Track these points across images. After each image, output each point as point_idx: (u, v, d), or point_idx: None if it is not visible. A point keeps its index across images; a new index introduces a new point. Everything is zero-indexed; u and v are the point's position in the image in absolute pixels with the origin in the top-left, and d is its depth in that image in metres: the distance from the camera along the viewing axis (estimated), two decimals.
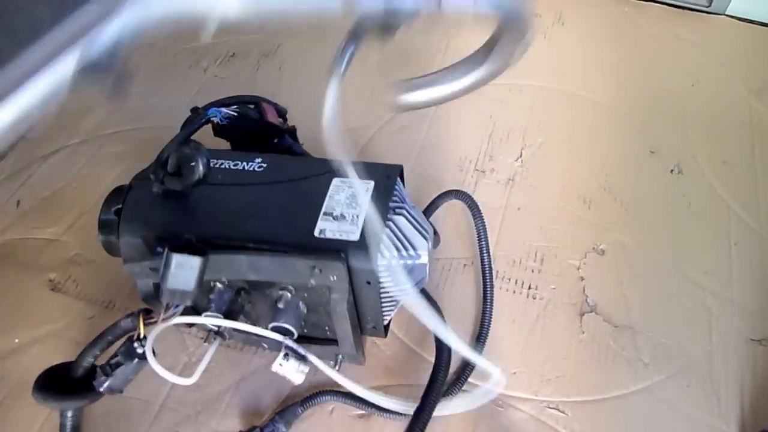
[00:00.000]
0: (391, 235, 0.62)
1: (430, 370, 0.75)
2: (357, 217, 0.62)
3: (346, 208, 0.63)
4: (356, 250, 0.59)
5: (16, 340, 0.79)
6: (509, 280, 0.85)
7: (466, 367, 0.75)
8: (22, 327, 0.80)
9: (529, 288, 0.84)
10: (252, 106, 0.75)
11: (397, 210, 0.64)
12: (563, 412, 0.73)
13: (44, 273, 0.86)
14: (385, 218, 0.62)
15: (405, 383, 0.75)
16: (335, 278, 0.59)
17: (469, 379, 0.75)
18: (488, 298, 0.80)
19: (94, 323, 0.81)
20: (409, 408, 0.67)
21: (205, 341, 0.75)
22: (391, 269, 0.60)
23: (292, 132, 0.79)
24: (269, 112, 0.75)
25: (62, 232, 0.90)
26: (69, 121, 1.06)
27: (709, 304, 0.83)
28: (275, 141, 0.76)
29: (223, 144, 0.78)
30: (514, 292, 0.84)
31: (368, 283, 0.61)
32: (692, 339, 0.79)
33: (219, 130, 0.74)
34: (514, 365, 0.77)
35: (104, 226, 0.66)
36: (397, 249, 0.61)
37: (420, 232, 0.64)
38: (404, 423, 0.71)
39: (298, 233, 0.61)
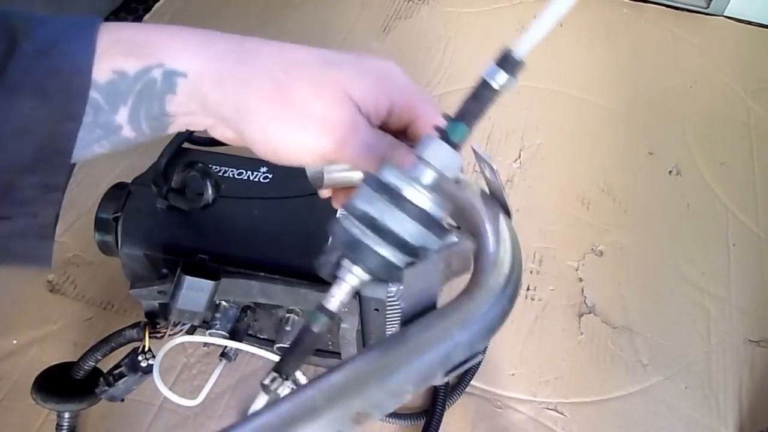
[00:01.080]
0: None
1: None
2: None
3: None
4: None
5: (14, 341, 0.79)
6: None
7: (468, 370, 0.75)
8: (20, 328, 0.80)
9: (528, 289, 0.84)
10: None
11: None
12: (562, 414, 0.73)
13: (42, 274, 0.85)
14: None
15: None
16: (346, 309, 0.59)
17: (472, 382, 0.75)
18: None
19: (92, 324, 0.80)
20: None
21: (204, 346, 0.75)
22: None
23: None
24: None
25: (61, 233, 0.90)
26: None
27: (707, 305, 0.83)
28: None
29: None
30: None
31: (376, 310, 0.61)
32: (690, 340, 0.79)
33: None
34: (512, 366, 0.77)
35: (101, 227, 0.65)
36: None
37: None
38: (401, 424, 0.72)
39: (308, 258, 0.60)
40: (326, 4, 1.27)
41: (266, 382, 0.34)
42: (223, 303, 0.62)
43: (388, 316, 0.63)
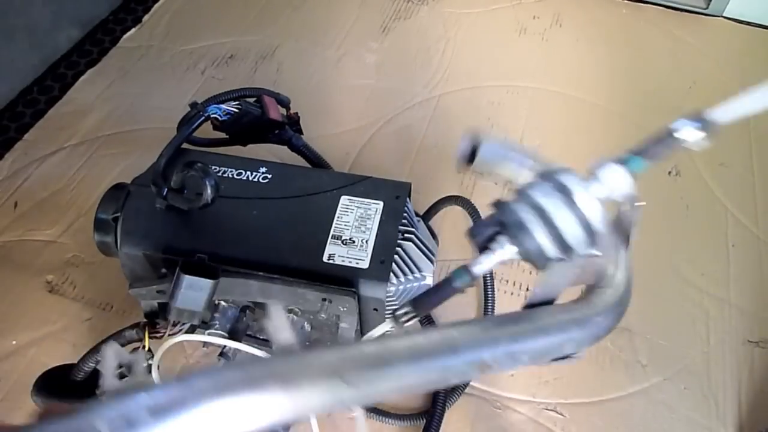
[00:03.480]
0: (400, 261, 0.62)
1: None
2: (366, 242, 0.61)
3: (356, 231, 0.62)
4: (366, 280, 0.59)
5: (14, 342, 0.79)
6: (507, 281, 0.85)
7: None
8: (19, 329, 0.80)
9: (527, 290, 0.84)
10: (253, 100, 0.74)
11: (407, 235, 0.64)
12: (561, 414, 0.73)
13: (42, 275, 0.85)
14: (394, 244, 0.62)
15: None
16: (345, 309, 0.59)
17: (471, 383, 0.75)
18: (489, 306, 0.80)
19: (91, 325, 0.80)
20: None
21: (204, 347, 0.75)
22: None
23: (295, 120, 0.78)
24: (271, 107, 0.74)
25: (60, 233, 0.90)
26: (67, 122, 1.06)
27: (706, 305, 0.83)
28: (276, 132, 0.75)
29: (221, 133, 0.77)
30: (512, 293, 0.84)
31: (375, 309, 0.61)
32: (690, 341, 0.79)
33: (219, 125, 0.73)
34: None
35: (101, 227, 0.65)
36: (404, 274, 0.61)
37: (426, 255, 0.64)
38: (401, 424, 0.72)
39: (306, 258, 0.60)
40: (326, 5, 1.27)
41: (399, 313, 0.37)
42: (222, 303, 0.62)
43: (387, 315, 0.63)
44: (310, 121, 0.83)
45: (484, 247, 0.36)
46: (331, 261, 0.60)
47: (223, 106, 0.70)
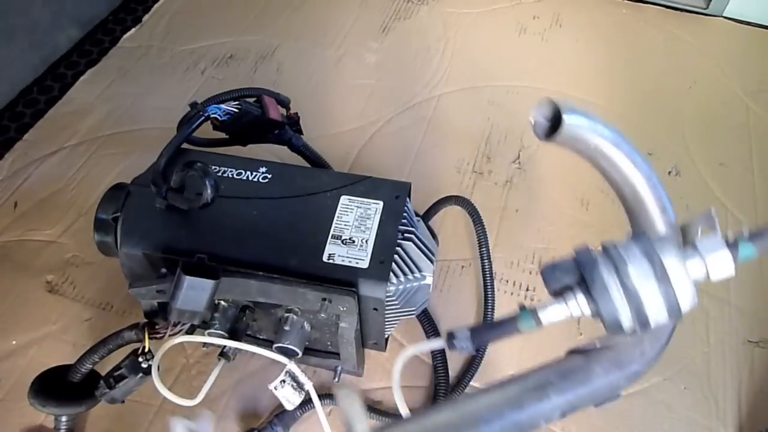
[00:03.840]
0: (399, 261, 0.62)
1: (427, 372, 0.75)
2: (366, 242, 0.61)
3: (356, 231, 0.62)
4: (366, 279, 0.59)
5: (14, 342, 0.79)
6: (507, 281, 0.85)
7: (469, 371, 0.75)
8: (19, 329, 0.80)
9: (527, 290, 0.84)
10: (253, 100, 0.74)
11: (407, 234, 0.64)
12: None
13: (41, 275, 0.85)
14: (394, 243, 0.62)
15: (403, 385, 0.75)
16: (345, 309, 0.59)
17: (471, 383, 0.75)
18: (489, 306, 0.80)
19: (91, 325, 0.80)
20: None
21: (203, 347, 0.75)
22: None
23: (295, 120, 0.78)
24: (271, 107, 0.74)
25: (60, 233, 0.90)
26: (67, 122, 1.06)
27: (706, 306, 0.83)
28: (276, 132, 0.75)
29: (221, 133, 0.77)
30: (512, 293, 0.84)
31: (375, 309, 0.61)
32: (690, 341, 0.79)
33: (219, 125, 0.73)
34: (512, 367, 0.77)
35: (100, 227, 0.65)
36: (404, 273, 0.61)
37: (426, 254, 0.64)
38: None
39: (306, 258, 0.61)
40: (326, 5, 1.27)
41: (456, 343, 0.36)
42: (222, 303, 0.62)
43: (386, 315, 0.63)
44: (310, 121, 0.83)
45: (556, 293, 0.34)
46: (331, 261, 0.60)
47: (223, 106, 0.70)
